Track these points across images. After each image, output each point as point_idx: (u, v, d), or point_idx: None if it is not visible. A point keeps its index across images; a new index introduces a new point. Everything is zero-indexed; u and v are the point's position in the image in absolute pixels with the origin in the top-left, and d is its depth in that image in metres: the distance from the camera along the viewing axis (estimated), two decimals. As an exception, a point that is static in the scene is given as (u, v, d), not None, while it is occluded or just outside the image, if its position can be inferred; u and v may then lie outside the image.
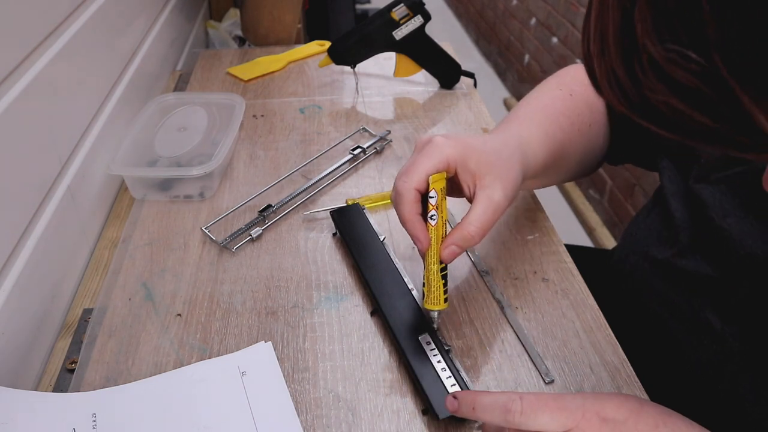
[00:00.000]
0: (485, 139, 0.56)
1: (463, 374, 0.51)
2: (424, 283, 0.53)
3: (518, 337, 0.56)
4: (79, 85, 0.70)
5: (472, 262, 0.65)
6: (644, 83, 0.24)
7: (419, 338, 0.53)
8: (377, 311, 0.58)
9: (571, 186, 2.21)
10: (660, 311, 0.57)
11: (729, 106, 0.22)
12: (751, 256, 0.47)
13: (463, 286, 0.62)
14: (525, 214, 0.71)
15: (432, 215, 0.52)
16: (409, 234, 0.52)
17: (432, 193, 0.52)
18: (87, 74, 0.73)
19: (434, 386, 0.49)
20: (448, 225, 0.54)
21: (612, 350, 0.55)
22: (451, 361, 0.51)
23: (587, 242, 2.00)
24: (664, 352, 0.53)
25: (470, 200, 0.53)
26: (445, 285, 0.53)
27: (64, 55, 0.65)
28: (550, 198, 2.20)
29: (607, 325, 0.57)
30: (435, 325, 0.54)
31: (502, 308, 0.59)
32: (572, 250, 0.67)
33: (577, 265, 0.64)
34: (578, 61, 2.24)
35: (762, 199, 0.46)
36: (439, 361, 0.51)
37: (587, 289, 0.62)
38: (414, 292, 0.58)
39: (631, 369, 0.53)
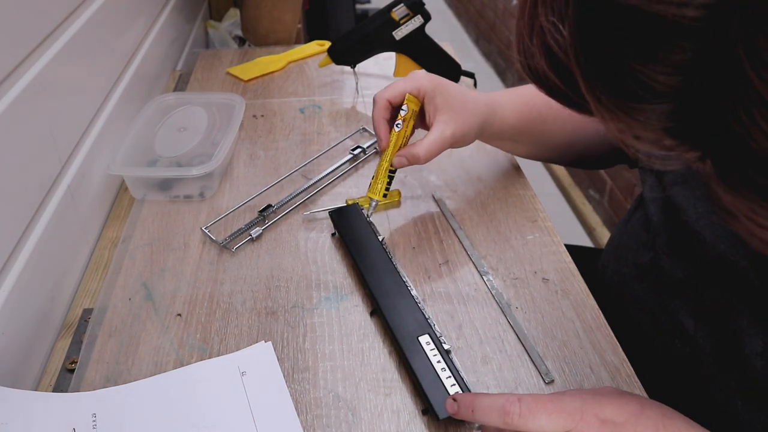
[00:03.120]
0: (462, 90, 0.66)
1: (463, 374, 0.51)
2: (373, 176, 0.65)
3: (518, 337, 0.56)
4: (79, 85, 0.70)
5: (472, 262, 0.65)
6: (529, 45, 0.30)
7: (419, 338, 0.53)
8: (377, 311, 0.58)
9: (571, 186, 2.21)
10: (636, 314, 0.58)
11: (573, 75, 0.27)
12: (722, 258, 0.48)
13: (463, 286, 0.62)
14: (525, 214, 0.71)
15: (398, 123, 0.64)
16: (375, 133, 0.65)
17: (404, 107, 0.64)
18: (87, 74, 0.73)
19: (434, 386, 0.49)
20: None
21: (612, 350, 0.55)
22: (451, 361, 0.51)
23: (587, 242, 2.00)
24: (641, 356, 0.54)
25: (427, 129, 0.65)
26: (388, 184, 0.65)
27: (64, 55, 0.65)
28: (550, 198, 2.20)
29: (607, 325, 0.57)
30: (368, 216, 0.65)
31: (502, 308, 0.59)
32: (572, 250, 0.67)
33: (577, 265, 0.64)
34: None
35: None
36: (438, 361, 0.51)
37: (587, 289, 0.62)
38: (413, 292, 0.58)
39: (631, 369, 0.53)
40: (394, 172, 0.65)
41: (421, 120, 0.66)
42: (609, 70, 0.26)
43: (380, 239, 0.64)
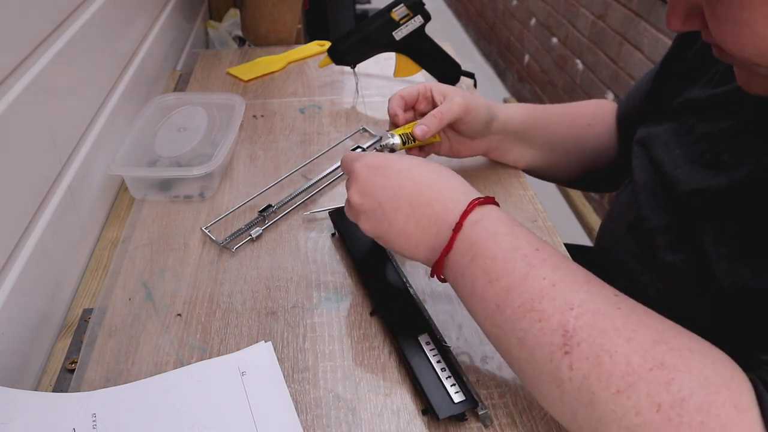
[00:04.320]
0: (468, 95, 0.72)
1: (463, 373, 0.51)
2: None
3: (518, 337, 0.56)
4: (79, 85, 0.70)
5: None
6: None
7: (419, 338, 0.53)
8: (377, 311, 0.58)
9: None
10: (627, 261, 0.61)
11: None
12: (693, 191, 0.54)
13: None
14: (525, 214, 0.71)
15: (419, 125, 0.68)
16: (391, 113, 0.72)
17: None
18: (87, 74, 0.73)
19: (434, 386, 0.49)
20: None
21: (612, 350, 0.55)
22: (451, 360, 0.51)
23: (587, 242, 2.00)
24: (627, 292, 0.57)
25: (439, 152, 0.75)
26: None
27: (64, 55, 0.65)
28: (550, 198, 2.20)
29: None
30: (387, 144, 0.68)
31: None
32: (572, 250, 0.67)
33: (577, 265, 0.64)
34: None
35: (710, 153, 0.54)
36: (438, 361, 0.51)
37: (587, 289, 0.62)
38: (413, 292, 0.58)
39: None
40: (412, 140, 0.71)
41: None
42: None
43: None
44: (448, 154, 0.75)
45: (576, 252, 0.67)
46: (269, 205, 0.71)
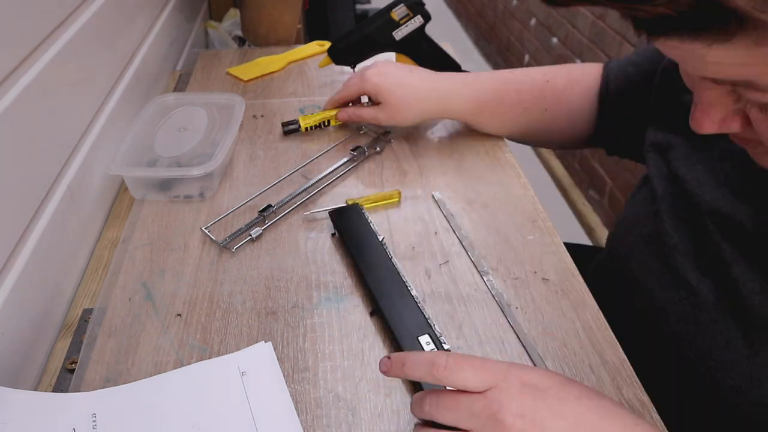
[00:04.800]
0: (413, 78, 0.79)
1: None
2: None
3: (518, 337, 0.56)
4: (79, 86, 0.70)
5: (472, 262, 0.65)
6: None
7: (419, 338, 0.53)
8: (377, 311, 0.58)
9: (571, 186, 2.21)
10: (641, 276, 0.60)
11: None
12: (720, 214, 0.52)
13: (463, 286, 0.62)
14: (525, 214, 0.71)
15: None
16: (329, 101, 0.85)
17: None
18: (87, 74, 0.73)
19: (433, 387, 0.49)
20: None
21: (612, 350, 0.55)
22: None
23: (587, 242, 2.00)
24: (648, 319, 0.56)
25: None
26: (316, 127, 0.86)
27: (64, 55, 0.65)
28: (550, 198, 2.20)
29: (607, 326, 0.57)
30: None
31: (502, 308, 0.59)
32: (572, 250, 0.67)
33: (577, 265, 0.64)
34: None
35: (735, 176, 0.53)
36: None
37: (587, 289, 0.62)
38: (413, 292, 0.58)
39: (631, 369, 0.53)
40: (327, 124, 0.87)
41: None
42: None
43: (380, 239, 0.64)
44: (386, 122, 0.82)
45: (576, 252, 0.67)
46: (269, 205, 0.71)
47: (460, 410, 0.40)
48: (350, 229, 0.66)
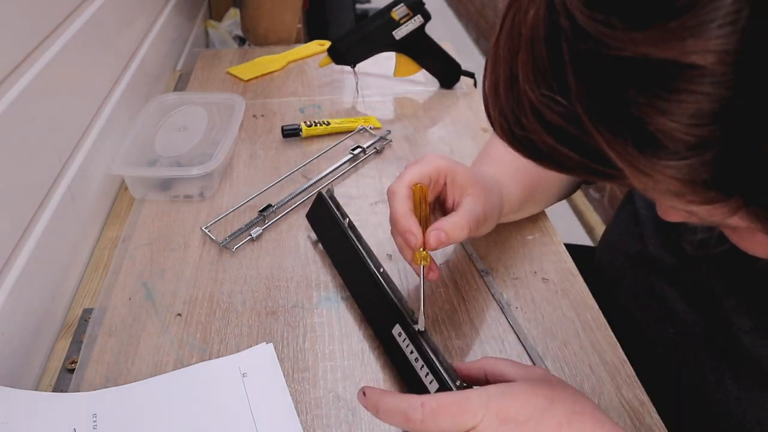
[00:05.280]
0: (473, 169, 0.59)
1: (435, 357, 0.47)
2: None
3: (518, 337, 0.56)
4: (79, 85, 0.70)
5: (472, 262, 0.65)
6: (525, 123, 0.29)
7: (392, 331, 0.51)
8: (359, 308, 0.58)
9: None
10: (629, 304, 0.59)
11: (588, 143, 0.26)
12: (705, 240, 0.49)
13: (463, 286, 0.62)
14: (525, 214, 0.71)
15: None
16: (401, 229, 0.51)
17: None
18: (87, 74, 0.72)
19: (412, 379, 0.48)
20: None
21: (612, 350, 0.55)
22: (423, 345, 0.48)
23: (587, 242, 1.99)
24: (634, 344, 0.55)
25: (450, 211, 0.55)
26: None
27: (64, 55, 0.65)
28: (550, 198, 2.20)
29: (607, 325, 0.57)
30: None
31: (502, 308, 0.59)
32: (572, 250, 0.67)
33: (577, 265, 0.64)
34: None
35: None
36: (411, 352, 0.49)
37: (587, 289, 0.62)
38: (379, 273, 0.54)
39: (631, 369, 0.53)
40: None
41: (435, 204, 0.59)
42: (631, 127, 0.24)
43: (345, 222, 0.59)
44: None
45: (576, 252, 0.67)
46: (269, 205, 0.71)
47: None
48: (321, 225, 0.65)
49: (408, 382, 0.49)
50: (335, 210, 0.62)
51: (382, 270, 0.54)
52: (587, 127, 0.26)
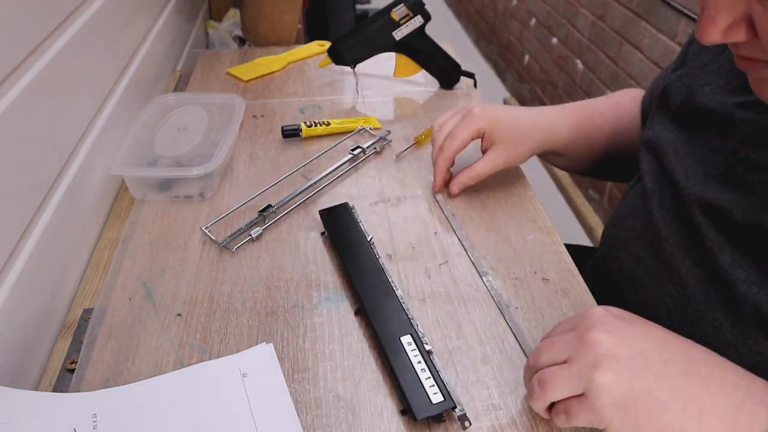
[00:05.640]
0: (518, 117, 0.72)
1: (443, 375, 0.51)
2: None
3: (518, 338, 0.56)
4: (79, 85, 0.70)
5: (472, 262, 0.65)
6: None
7: (401, 338, 0.53)
8: (361, 310, 0.58)
9: (571, 186, 2.21)
10: (633, 269, 0.61)
11: None
12: (708, 204, 0.53)
13: (463, 286, 0.62)
14: (525, 214, 0.71)
15: None
16: (435, 174, 0.73)
17: None
18: (87, 74, 0.73)
19: (413, 387, 0.49)
20: None
21: (612, 350, 0.55)
22: (432, 362, 0.51)
23: (587, 242, 1.99)
24: (640, 314, 0.57)
25: (483, 152, 0.73)
26: None
27: (64, 55, 0.65)
28: (550, 198, 2.20)
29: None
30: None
31: (501, 308, 0.59)
32: (572, 250, 0.67)
33: (577, 265, 0.64)
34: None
35: (723, 167, 0.53)
36: (419, 362, 0.51)
37: (587, 289, 0.62)
38: (398, 292, 0.58)
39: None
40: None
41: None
42: None
43: (369, 239, 0.65)
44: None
45: (576, 252, 0.67)
46: (269, 205, 0.71)
47: (555, 346, 0.43)
48: (339, 228, 0.66)
49: (404, 383, 0.50)
50: (361, 224, 0.67)
51: (399, 291, 0.59)
52: None
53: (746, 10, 0.40)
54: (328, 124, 0.86)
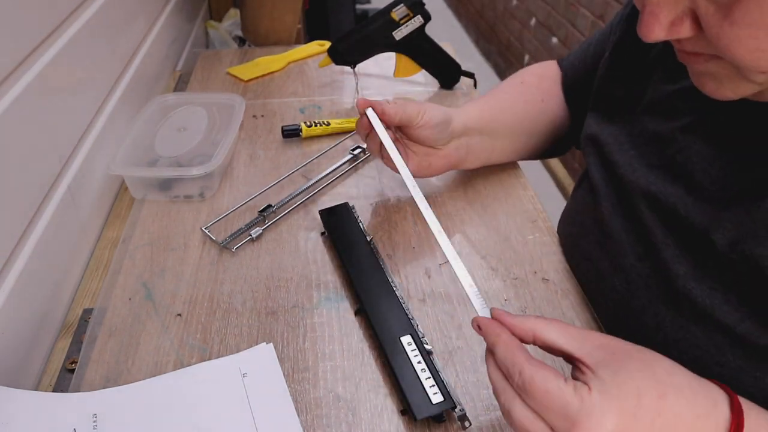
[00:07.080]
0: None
1: (443, 376, 0.50)
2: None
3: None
4: (79, 85, 0.70)
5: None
6: None
7: (401, 339, 0.53)
8: (361, 310, 0.58)
9: (571, 186, 2.21)
10: (583, 265, 0.62)
11: None
12: (652, 197, 0.53)
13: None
14: (525, 214, 0.71)
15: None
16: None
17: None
18: (87, 74, 0.73)
19: (413, 387, 0.49)
20: None
21: (612, 350, 0.55)
22: (432, 362, 0.51)
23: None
24: (587, 307, 0.58)
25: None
26: None
27: (64, 55, 0.65)
28: (550, 198, 2.20)
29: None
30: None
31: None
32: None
33: (577, 265, 0.64)
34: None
35: (666, 158, 0.53)
36: (419, 362, 0.51)
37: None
38: (398, 293, 0.58)
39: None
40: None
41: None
42: None
43: (369, 239, 0.65)
44: (418, 171, 0.68)
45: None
46: (269, 205, 0.71)
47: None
48: (339, 228, 0.66)
49: (404, 382, 0.50)
50: (361, 224, 0.67)
51: (399, 291, 0.58)
52: None
53: (689, 5, 0.38)
54: (328, 124, 0.86)
